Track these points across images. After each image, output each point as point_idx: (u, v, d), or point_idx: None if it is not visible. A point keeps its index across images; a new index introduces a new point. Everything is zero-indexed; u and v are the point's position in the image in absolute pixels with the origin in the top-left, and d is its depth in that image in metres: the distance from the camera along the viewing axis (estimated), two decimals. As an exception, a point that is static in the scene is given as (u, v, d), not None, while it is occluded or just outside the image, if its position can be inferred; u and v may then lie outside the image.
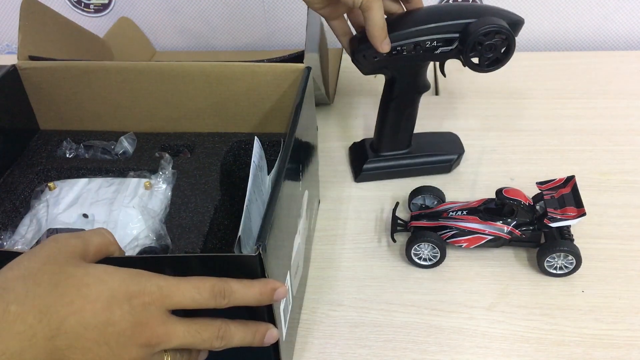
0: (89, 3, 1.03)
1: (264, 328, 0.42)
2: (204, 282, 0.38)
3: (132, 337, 0.35)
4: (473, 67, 0.61)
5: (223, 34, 1.06)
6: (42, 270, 0.35)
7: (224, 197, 0.60)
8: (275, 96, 0.63)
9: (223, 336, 0.39)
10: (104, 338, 0.34)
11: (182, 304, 0.37)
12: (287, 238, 0.49)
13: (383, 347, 0.56)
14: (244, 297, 0.39)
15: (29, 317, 0.32)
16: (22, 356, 0.31)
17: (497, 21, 0.58)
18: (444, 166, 0.74)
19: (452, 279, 0.62)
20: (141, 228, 0.56)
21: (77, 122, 0.68)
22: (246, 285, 0.39)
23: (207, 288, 0.37)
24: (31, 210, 0.58)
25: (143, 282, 0.36)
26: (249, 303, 0.39)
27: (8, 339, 0.31)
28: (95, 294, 0.34)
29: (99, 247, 0.39)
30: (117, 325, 0.34)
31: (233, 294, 0.38)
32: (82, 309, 0.34)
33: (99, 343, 0.34)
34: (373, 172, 0.73)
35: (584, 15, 0.99)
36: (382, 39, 0.59)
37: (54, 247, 0.36)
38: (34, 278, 0.34)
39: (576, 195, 0.62)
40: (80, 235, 0.38)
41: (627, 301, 0.59)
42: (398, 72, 0.65)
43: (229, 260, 0.40)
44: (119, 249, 0.41)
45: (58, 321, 0.33)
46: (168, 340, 0.36)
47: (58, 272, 0.35)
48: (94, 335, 0.34)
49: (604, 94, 0.89)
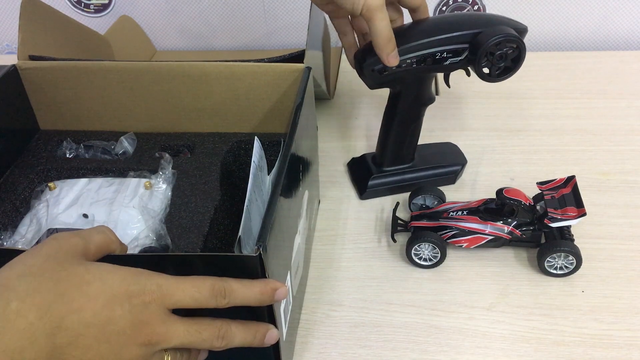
0: (89, 3, 1.03)
1: (264, 328, 0.42)
2: (204, 281, 0.38)
3: (133, 335, 0.35)
4: (484, 77, 0.61)
5: (223, 34, 1.06)
6: (43, 268, 0.35)
7: (224, 197, 0.60)
8: (276, 96, 0.63)
9: (224, 336, 0.39)
10: (104, 336, 0.34)
11: (183, 303, 0.37)
12: (288, 238, 0.49)
13: (383, 347, 0.56)
14: (245, 296, 0.39)
15: (29, 314, 0.32)
16: (23, 354, 0.31)
17: (507, 30, 0.58)
18: (449, 178, 0.74)
19: (452, 279, 0.62)
20: (141, 228, 0.56)
21: (77, 122, 0.68)
22: (247, 285, 0.39)
23: (207, 287, 0.37)
24: (31, 210, 0.58)
25: (143, 281, 0.36)
26: (250, 303, 0.39)
27: (9, 337, 0.31)
28: (96, 292, 0.34)
29: (100, 245, 0.39)
30: (117, 323, 0.34)
31: (233, 293, 0.38)
32: (82, 307, 0.34)
33: (99, 341, 0.34)
34: (378, 189, 0.72)
35: (584, 15, 0.99)
36: (389, 51, 0.56)
37: (54, 245, 0.36)
38: (35, 276, 0.34)
39: (576, 195, 0.62)
40: (80, 234, 0.38)
41: (627, 301, 0.59)
42: (404, 85, 0.65)
43: (229, 260, 0.40)
44: (120, 246, 0.41)
45: (59, 318, 0.33)
46: (168, 340, 0.36)
47: (59, 270, 0.35)
48: (95, 333, 0.34)
49: (604, 94, 0.89)
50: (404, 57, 0.60)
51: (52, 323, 0.33)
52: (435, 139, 0.78)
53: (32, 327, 0.32)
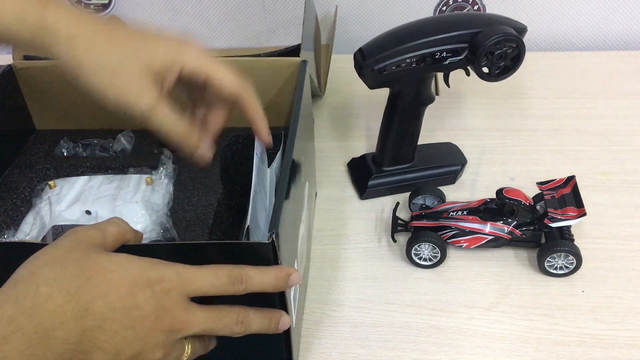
0: (89, 3, 1.02)
1: (278, 314, 0.43)
2: (221, 269, 0.39)
3: (156, 321, 0.36)
4: (483, 77, 0.61)
5: (223, 33, 1.05)
6: (67, 257, 0.36)
7: (225, 190, 0.61)
8: (273, 90, 0.63)
9: (242, 322, 0.40)
10: (129, 321, 0.35)
11: (202, 290, 0.38)
12: (294, 227, 0.49)
13: (383, 347, 0.56)
14: (261, 283, 0.40)
15: (58, 297, 0.33)
16: (55, 333, 0.33)
17: (507, 29, 0.58)
18: (449, 178, 0.73)
19: (452, 279, 0.62)
20: (146, 222, 0.56)
21: (73, 121, 0.68)
22: (262, 271, 0.40)
23: (225, 274, 0.38)
24: (33, 208, 0.59)
25: (162, 269, 0.37)
26: (265, 289, 0.40)
27: (40, 316, 0.32)
28: (119, 279, 0.35)
29: (116, 235, 0.40)
30: (141, 309, 0.35)
31: (250, 279, 0.39)
32: (108, 292, 0.35)
33: (125, 326, 0.35)
34: (378, 189, 0.72)
35: (584, 15, 0.99)
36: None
37: (74, 238, 0.37)
38: (60, 264, 0.35)
39: (576, 195, 0.62)
40: (97, 226, 0.39)
41: (627, 301, 0.59)
42: (404, 85, 0.65)
43: (243, 248, 0.41)
44: (135, 236, 0.42)
45: (86, 302, 0.34)
46: (190, 326, 0.37)
47: (82, 259, 0.36)
48: (120, 318, 0.35)
49: (604, 94, 0.89)
50: (404, 57, 0.60)
51: (79, 306, 0.34)
52: (435, 139, 0.78)
53: (61, 309, 0.33)
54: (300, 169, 0.53)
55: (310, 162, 0.64)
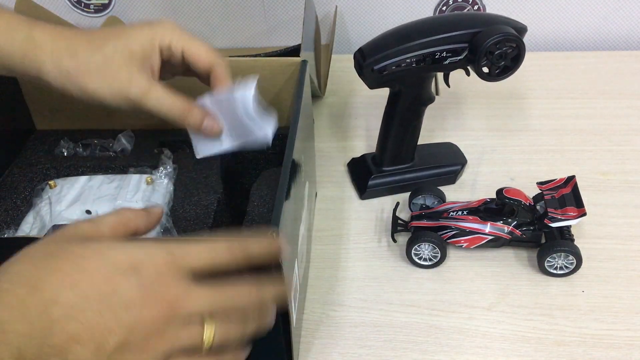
0: (89, 3, 1.02)
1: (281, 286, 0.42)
2: (218, 242, 0.38)
3: (144, 307, 0.34)
4: (483, 77, 0.61)
5: (223, 33, 1.06)
6: (38, 250, 0.35)
7: (225, 190, 0.61)
8: (274, 90, 0.63)
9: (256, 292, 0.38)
10: (108, 309, 0.34)
11: (199, 265, 0.37)
12: (294, 226, 0.50)
13: (383, 347, 0.56)
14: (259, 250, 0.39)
15: (20, 291, 0.33)
16: (12, 326, 0.32)
17: (506, 29, 0.58)
18: (449, 178, 0.73)
19: (452, 279, 0.62)
20: (146, 222, 0.56)
21: (73, 121, 0.68)
22: (256, 240, 0.39)
23: (223, 247, 0.37)
24: (34, 208, 0.59)
25: (152, 250, 0.36)
26: (261, 256, 0.39)
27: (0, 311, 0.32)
28: (95, 266, 0.34)
29: (114, 225, 0.38)
30: (122, 295, 0.34)
31: (247, 249, 0.38)
32: (78, 281, 0.34)
33: (103, 315, 0.34)
34: (378, 189, 0.72)
35: (584, 15, 0.99)
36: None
37: (59, 233, 0.37)
38: (29, 259, 0.35)
39: (577, 195, 0.62)
40: (91, 219, 0.39)
41: (627, 301, 0.59)
42: (404, 85, 0.65)
43: None
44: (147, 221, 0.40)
45: (51, 293, 0.33)
46: (190, 302, 0.36)
47: (54, 250, 0.35)
48: (97, 307, 0.34)
49: (604, 94, 0.89)
50: (404, 57, 0.60)
51: (44, 297, 0.33)
52: (435, 139, 0.78)
53: (23, 302, 0.32)
54: (300, 169, 0.53)
55: (310, 162, 0.64)
